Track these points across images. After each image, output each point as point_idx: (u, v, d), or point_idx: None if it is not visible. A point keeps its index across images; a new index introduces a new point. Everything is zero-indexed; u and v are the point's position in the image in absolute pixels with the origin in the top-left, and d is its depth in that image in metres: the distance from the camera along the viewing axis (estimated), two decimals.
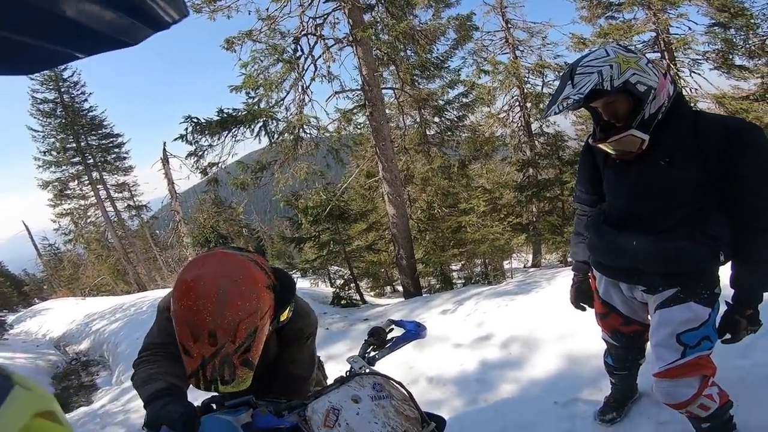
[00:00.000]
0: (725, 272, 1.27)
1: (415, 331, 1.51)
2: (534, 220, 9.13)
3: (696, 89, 8.12)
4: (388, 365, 3.51)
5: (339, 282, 7.18)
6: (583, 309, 1.70)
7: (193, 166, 5.80)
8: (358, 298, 6.94)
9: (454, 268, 8.71)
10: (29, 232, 19.67)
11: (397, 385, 1.30)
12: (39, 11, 0.34)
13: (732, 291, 1.26)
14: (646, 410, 1.86)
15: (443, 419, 1.41)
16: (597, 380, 2.13)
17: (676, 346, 1.28)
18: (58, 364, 6.95)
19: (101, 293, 15.37)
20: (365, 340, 1.50)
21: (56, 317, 10.16)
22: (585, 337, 2.39)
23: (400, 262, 6.27)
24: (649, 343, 1.42)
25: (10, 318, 11.15)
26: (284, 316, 1.27)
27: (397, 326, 1.56)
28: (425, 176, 7.68)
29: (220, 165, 5.86)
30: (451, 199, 7.81)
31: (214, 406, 1.04)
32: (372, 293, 9.65)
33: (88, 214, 15.88)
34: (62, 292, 16.43)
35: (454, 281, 7.70)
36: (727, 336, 1.28)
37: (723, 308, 1.30)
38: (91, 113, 15.59)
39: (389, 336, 1.52)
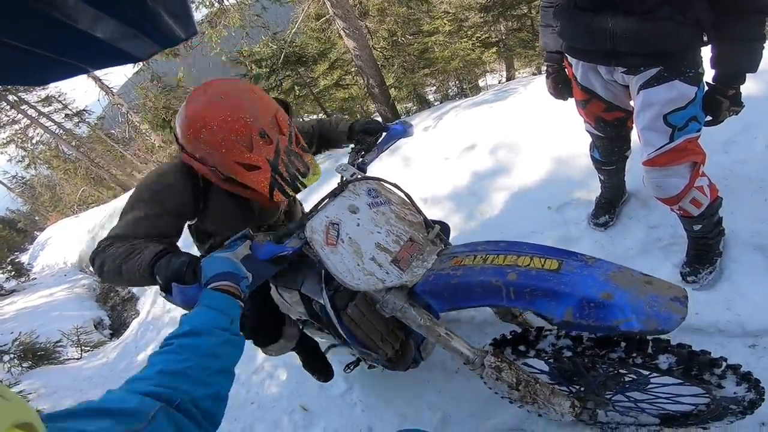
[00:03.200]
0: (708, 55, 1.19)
1: (401, 129, 1.44)
2: (503, 38, 8.47)
3: None
4: None
5: None
6: (564, 98, 1.66)
7: None
8: None
9: (429, 90, 8.48)
10: None
11: (393, 188, 1.26)
12: (58, 27, 0.34)
13: (713, 72, 1.20)
14: (636, 213, 1.90)
15: (447, 224, 1.43)
16: (586, 180, 2.15)
17: (663, 128, 1.25)
18: (94, 286, 7.38)
19: (90, 206, 15.38)
20: (352, 148, 1.42)
21: (63, 242, 10.32)
22: (569, 136, 2.35)
23: (371, 91, 6.00)
24: (635, 130, 1.39)
25: (24, 258, 11.33)
26: None
27: (383, 130, 1.49)
28: (381, 7, 6.82)
29: None
30: (414, 25, 7.11)
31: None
32: None
33: (30, 135, 14.79)
34: (54, 217, 16.40)
35: (430, 103, 7.58)
36: (708, 118, 1.26)
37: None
38: None
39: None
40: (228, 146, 1.03)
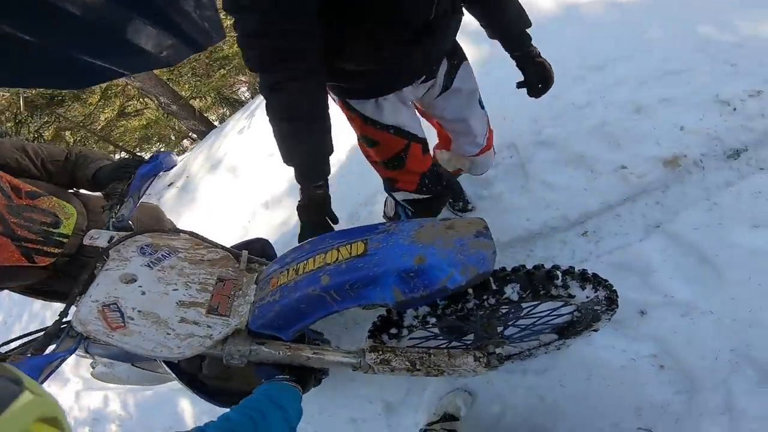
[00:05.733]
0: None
1: (154, 165, 1.20)
2: None
3: None
4: (222, 222, 3.18)
5: None
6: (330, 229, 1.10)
7: None
8: None
9: (241, 89, 7.75)
10: None
11: (174, 235, 1.05)
12: (100, 33, 0.37)
13: (510, 44, 1.17)
14: None
15: (265, 240, 1.30)
16: None
17: (481, 112, 1.26)
18: None
19: None
20: (102, 207, 1.16)
21: None
22: None
23: (168, 110, 5.19)
24: (447, 127, 1.32)
25: None
26: None
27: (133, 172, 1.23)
28: None
29: None
30: None
31: None
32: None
33: None
34: None
35: (243, 102, 6.96)
36: (541, 85, 1.19)
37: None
38: None
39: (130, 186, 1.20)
40: None
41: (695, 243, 1.41)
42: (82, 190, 1.31)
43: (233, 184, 3.15)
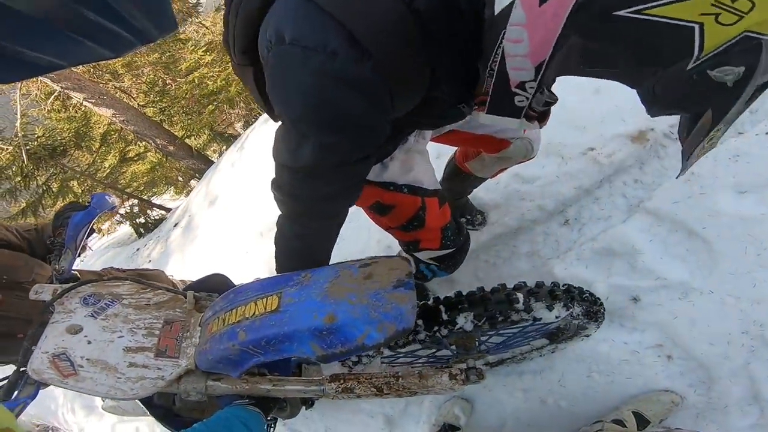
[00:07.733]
0: None
1: (87, 210, 1.20)
2: None
3: None
4: (222, 255, 3.20)
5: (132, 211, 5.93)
6: None
7: None
8: (158, 211, 6.02)
9: (235, 123, 7.90)
10: None
11: (118, 282, 1.06)
12: (25, 18, 0.32)
13: None
14: None
15: (221, 275, 1.27)
16: None
17: None
18: None
19: None
20: (48, 259, 1.18)
21: None
22: None
23: (166, 151, 5.30)
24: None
25: None
26: None
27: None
28: (127, 61, 5.70)
29: None
30: (173, 67, 6.18)
31: None
32: (182, 196, 8.61)
33: None
34: None
35: (237, 135, 7.08)
36: None
37: None
38: None
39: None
40: None
41: (678, 217, 1.32)
42: None
43: (230, 217, 3.19)
